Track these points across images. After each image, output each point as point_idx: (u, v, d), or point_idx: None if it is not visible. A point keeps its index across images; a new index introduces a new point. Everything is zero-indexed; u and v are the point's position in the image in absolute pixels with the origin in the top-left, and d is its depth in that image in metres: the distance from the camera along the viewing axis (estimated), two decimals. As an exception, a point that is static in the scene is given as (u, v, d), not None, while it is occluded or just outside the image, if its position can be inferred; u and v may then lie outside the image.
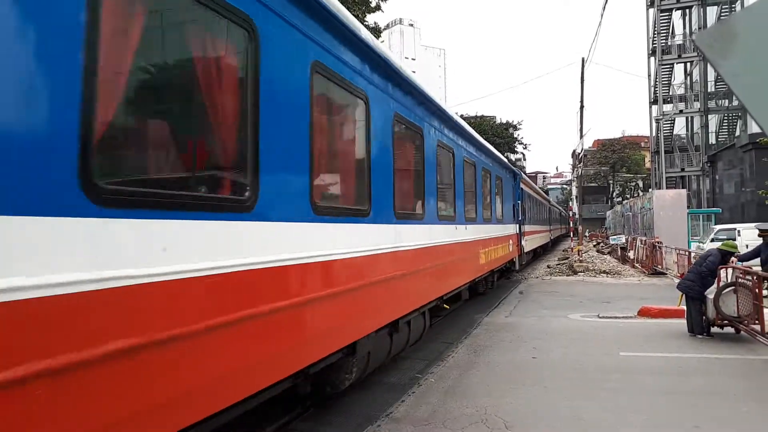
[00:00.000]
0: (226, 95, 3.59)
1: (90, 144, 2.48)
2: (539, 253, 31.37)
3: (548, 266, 24.75)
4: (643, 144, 79.84)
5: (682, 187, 39.99)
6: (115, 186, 2.69)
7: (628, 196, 74.10)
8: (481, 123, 57.93)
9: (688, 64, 42.76)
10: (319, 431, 5.68)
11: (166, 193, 2.96)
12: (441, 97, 10.37)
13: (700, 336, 9.35)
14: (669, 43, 42.02)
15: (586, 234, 49.70)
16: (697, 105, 40.86)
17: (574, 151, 40.00)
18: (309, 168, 4.45)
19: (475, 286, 12.58)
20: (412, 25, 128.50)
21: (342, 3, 5.12)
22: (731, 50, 1.80)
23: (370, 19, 27.55)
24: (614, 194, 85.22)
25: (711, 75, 39.56)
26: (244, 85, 3.67)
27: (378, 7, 26.69)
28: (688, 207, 27.62)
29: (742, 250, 18.38)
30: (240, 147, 3.61)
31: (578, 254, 25.47)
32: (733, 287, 9.16)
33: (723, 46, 1.81)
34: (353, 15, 5.32)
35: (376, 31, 27.25)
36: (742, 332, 9.25)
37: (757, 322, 8.73)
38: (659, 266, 20.75)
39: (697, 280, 9.55)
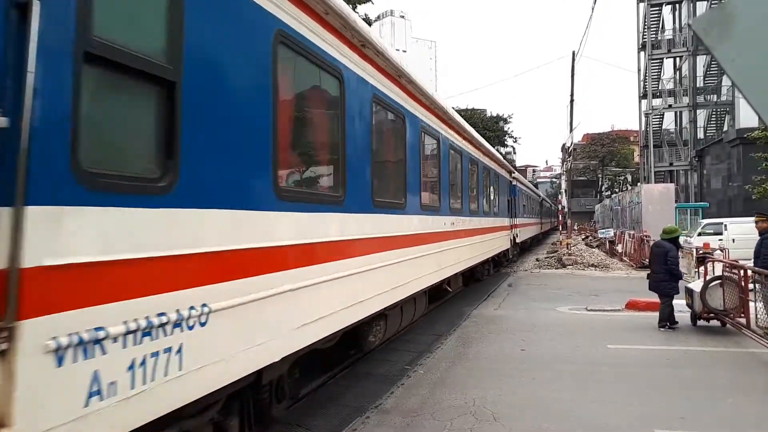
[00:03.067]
0: None
1: None
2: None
3: (537, 259, 24.87)
4: (632, 138, 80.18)
5: (671, 182, 40.21)
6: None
7: (617, 190, 74.47)
8: (472, 116, 57.93)
9: (678, 59, 42.93)
10: (309, 423, 5.67)
11: None
12: (433, 89, 8.73)
13: (662, 329, 9.45)
14: (659, 38, 42.17)
15: (575, 227, 49.95)
16: (685, 100, 41.07)
17: (563, 145, 40.12)
18: None
19: None
20: (403, 16, 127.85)
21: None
22: (728, 34, 1.79)
23: (361, 10, 27.38)
24: (603, 188, 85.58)
25: (700, 70, 39.80)
26: None
27: (368, -2, 26.53)
28: (676, 201, 27.83)
29: (728, 245, 18.57)
30: None
31: (567, 247, 25.59)
32: (719, 280, 9.24)
33: (719, 31, 1.80)
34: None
35: (367, 23, 27.06)
36: (728, 325, 9.34)
37: (742, 315, 8.82)
38: (647, 260, 20.87)
39: (669, 276, 9.61)
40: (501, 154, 25.54)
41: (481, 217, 13.71)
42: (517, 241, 23.13)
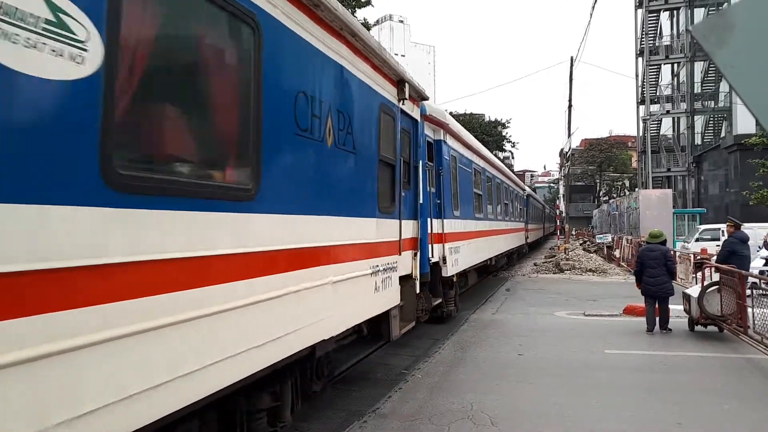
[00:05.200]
0: None
1: None
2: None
3: (535, 264, 24.88)
4: (629, 144, 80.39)
5: (668, 187, 40.34)
6: None
7: (615, 195, 74.63)
8: (470, 121, 58.02)
9: (676, 65, 43.05)
10: (306, 427, 5.66)
11: None
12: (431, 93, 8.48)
13: (664, 331, 9.60)
14: (657, 44, 42.29)
15: (573, 232, 50.00)
16: (683, 106, 41.16)
17: (561, 150, 40.22)
18: None
19: None
20: (402, 21, 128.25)
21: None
22: (727, 41, 1.80)
23: (360, 14, 27.47)
24: (601, 193, 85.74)
25: (698, 76, 39.92)
26: None
27: (368, 2, 26.59)
28: (674, 207, 27.86)
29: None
30: None
31: (565, 252, 25.61)
32: (717, 286, 9.26)
33: (719, 37, 1.81)
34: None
35: (366, 27, 27.13)
36: (725, 330, 9.35)
37: (740, 320, 8.83)
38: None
39: (669, 277, 9.74)
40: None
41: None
42: (447, 273, 9.88)
